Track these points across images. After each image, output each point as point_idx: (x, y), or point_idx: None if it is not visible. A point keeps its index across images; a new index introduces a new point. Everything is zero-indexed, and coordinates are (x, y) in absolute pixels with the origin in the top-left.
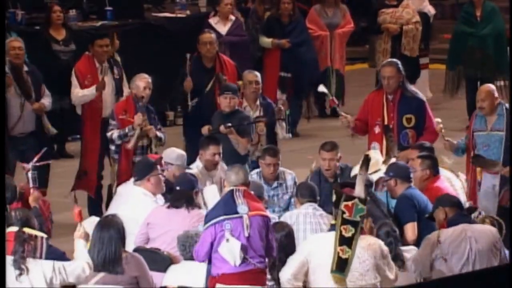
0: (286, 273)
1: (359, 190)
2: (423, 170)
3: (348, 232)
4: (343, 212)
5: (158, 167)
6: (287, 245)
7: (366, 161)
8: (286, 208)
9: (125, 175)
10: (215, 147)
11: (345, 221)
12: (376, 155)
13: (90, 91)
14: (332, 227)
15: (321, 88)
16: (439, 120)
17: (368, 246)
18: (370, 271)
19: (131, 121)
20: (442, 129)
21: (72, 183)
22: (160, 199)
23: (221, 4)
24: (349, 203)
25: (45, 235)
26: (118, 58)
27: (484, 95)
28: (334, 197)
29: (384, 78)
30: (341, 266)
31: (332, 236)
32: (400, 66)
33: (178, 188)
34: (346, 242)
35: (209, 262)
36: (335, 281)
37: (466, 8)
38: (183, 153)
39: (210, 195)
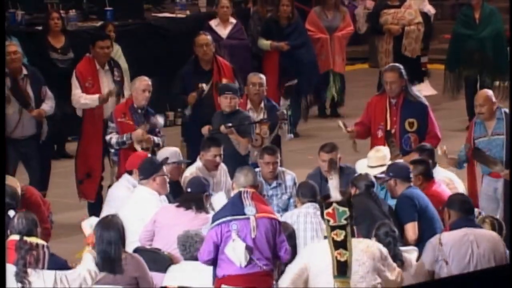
0: (285, 281)
1: (335, 195)
2: (415, 176)
3: (340, 236)
4: (328, 220)
5: (164, 167)
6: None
7: (333, 166)
8: (285, 209)
9: None
10: (216, 148)
11: (333, 228)
12: (385, 150)
13: (93, 101)
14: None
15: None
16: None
17: (367, 249)
18: (370, 273)
19: (130, 124)
20: (445, 151)
21: (72, 183)
22: (165, 200)
23: (218, 6)
24: (330, 210)
25: (46, 243)
26: (117, 47)
27: (482, 100)
28: (320, 210)
29: (387, 83)
30: (341, 269)
31: (328, 243)
32: (403, 70)
33: (189, 190)
34: (341, 245)
35: (214, 264)
36: (339, 285)
37: (465, 11)
38: (176, 149)
39: (219, 202)
